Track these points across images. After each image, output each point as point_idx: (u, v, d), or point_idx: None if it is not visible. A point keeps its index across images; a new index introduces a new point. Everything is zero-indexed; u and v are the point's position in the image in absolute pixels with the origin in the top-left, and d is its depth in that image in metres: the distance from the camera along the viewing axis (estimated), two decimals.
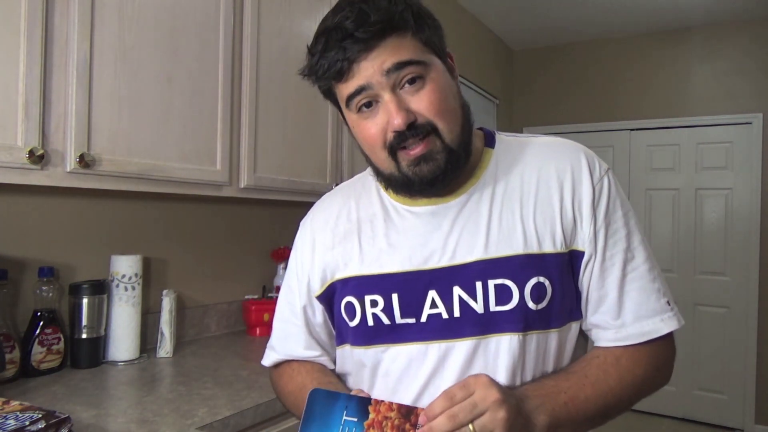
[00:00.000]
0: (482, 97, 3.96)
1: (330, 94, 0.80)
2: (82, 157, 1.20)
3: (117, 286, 1.53)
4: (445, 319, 0.74)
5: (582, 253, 0.76)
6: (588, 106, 4.14)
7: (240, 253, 2.08)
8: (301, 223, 0.94)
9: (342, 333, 0.85)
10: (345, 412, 0.68)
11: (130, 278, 1.54)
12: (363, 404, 0.68)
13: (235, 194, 1.64)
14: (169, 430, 1.06)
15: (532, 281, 0.73)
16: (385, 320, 0.77)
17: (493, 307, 0.73)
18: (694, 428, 3.66)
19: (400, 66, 0.70)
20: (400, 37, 0.71)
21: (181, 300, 1.82)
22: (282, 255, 2.15)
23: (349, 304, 0.81)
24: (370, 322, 0.78)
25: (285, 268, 2.13)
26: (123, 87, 1.30)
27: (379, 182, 0.84)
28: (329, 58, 0.71)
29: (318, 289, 0.86)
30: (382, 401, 0.68)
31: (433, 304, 0.75)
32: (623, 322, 0.76)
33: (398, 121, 0.70)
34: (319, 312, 0.88)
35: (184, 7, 1.45)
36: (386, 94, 0.71)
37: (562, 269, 0.75)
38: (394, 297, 0.77)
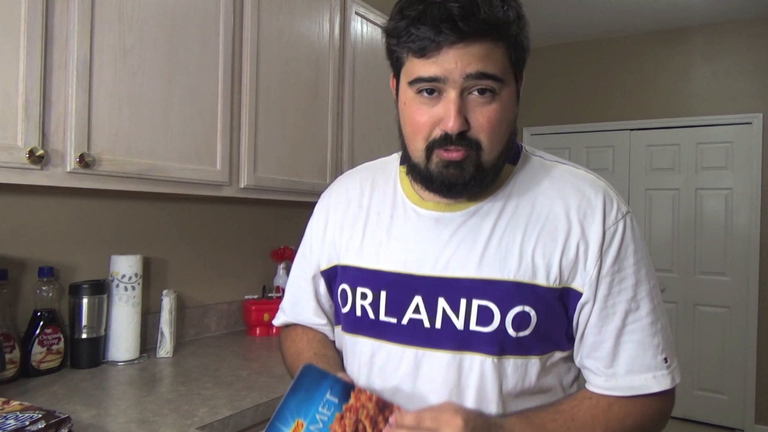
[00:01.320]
0: None
1: (396, 60, 0.75)
2: (82, 157, 1.20)
3: (117, 286, 1.53)
4: (426, 327, 0.75)
5: (579, 294, 0.74)
6: (588, 106, 4.14)
7: (240, 253, 2.08)
8: (322, 195, 0.96)
9: (337, 315, 0.89)
10: (329, 392, 0.70)
11: (130, 278, 1.54)
12: (347, 389, 0.71)
13: (235, 194, 1.64)
14: (169, 430, 1.06)
15: (516, 309, 0.73)
16: (371, 314, 0.80)
17: (472, 326, 0.73)
18: (694, 428, 3.66)
19: (482, 76, 0.68)
20: (495, 45, 0.69)
21: (181, 300, 1.82)
22: (282, 255, 2.15)
23: (344, 291, 0.84)
24: (358, 313, 0.81)
25: (285, 268, 2.14)
26: (123, 87, 1.30)
27: (402, 167, 0.85)
28: (421, 31, 0.67)
29: (324, 265, 0.90)
30: (364, 391, 0.71)
31: (417, 310, 0.76)
32: (615, 372, 0.74)
33: (452, 125, 0.69)
34: (323, 284, 0.92)
35: (184, 7, 1.45)
36: (454, 92, 0.69)
37: (551, 303, 0.74)
38: (383, 294, 0.79)
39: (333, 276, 0.88)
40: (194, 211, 1.90)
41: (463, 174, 0.72)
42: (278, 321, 1.00)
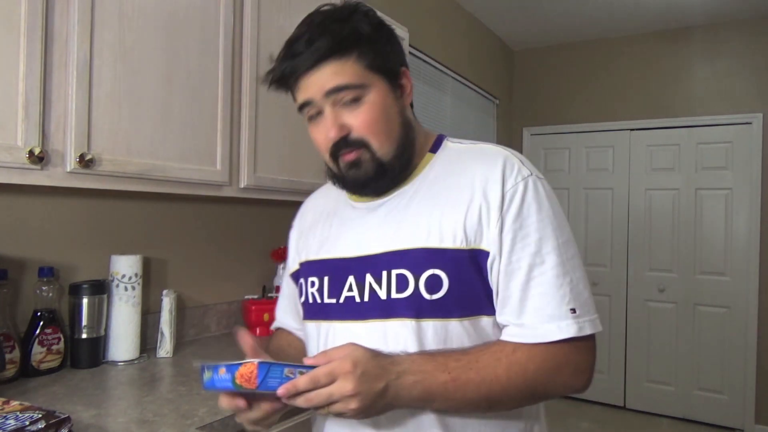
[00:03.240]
0: (482, 97, 3.96)
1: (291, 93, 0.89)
2: (82, 157, 1.20)
3: (117, 286, 1.53)
4: (357, 302, 0.85)
5: (487, 253, 0.80)
6: (588, 106, 4.14)
7: (240, 253, 2.08)
8: (301, 206, 1.11)
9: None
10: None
11: (130, 278, 1.54)
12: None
13: (235, 194, 1.64)
14: (169, 430, 1.06)
15: (428, 273, 0.80)
16: (318, 299, 0.90)
17: (393, 294, 0.82)
18: (694, 428, 3.66)
19: (337, 89, 0.81)
20: (342, 61, 0.80)
21: (181, 300, 1.82)
22: (282, 255, 2.15)
23: (301, 284, 0.96)
24: (310, 300, 0.92)
25: (285, 268, 2.14)
26: (123, 87, 1.30)
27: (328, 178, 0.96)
28: (282, 68, 0.83)
29: (292, 269, 1.04)
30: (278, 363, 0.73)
31: (350, 288, 0.86)
32: (522, 322, 0.79)
33: (332, 134, 0.82)
34: (295, 288, 1.03)
35: (184, 7, 1.45)
36: (327, 108, 0.82)
37: (462, 265, 0.80)
38: (325, 279, 0.90)
39: (298, 277, 1.00)
40: (194, 211, 1.90)
41: (365, 172, 0.84)
42: (273, 326, 1.15)
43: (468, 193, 0.82)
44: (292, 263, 1.04)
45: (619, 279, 4.01)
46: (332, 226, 0.94)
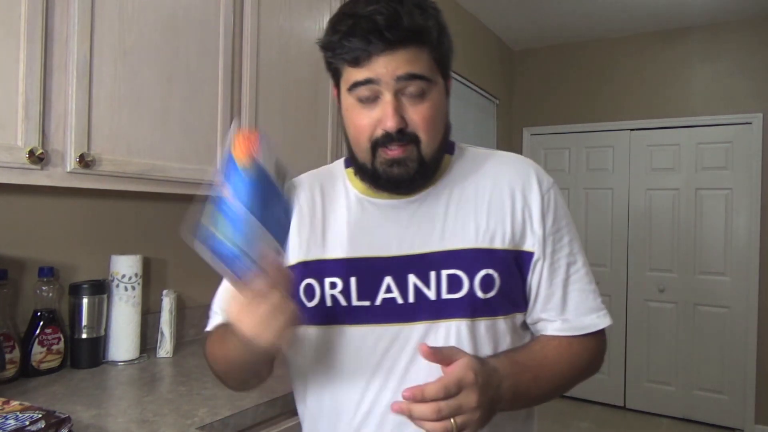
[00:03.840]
0: (482, 97, 3.96)
1: (335, 72, 0.83)
2: (82, 157, 1.20)
3: (117, 286, 1.53)
4: (400, 303, 0.81)
5: (531, 254, 0.84)
6: (588, 106, 4.14)
7: None
8: None
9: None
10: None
11: (130, 278, 1.54)
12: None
13: None
14: (169, 430, 1.06)
15: (482, 272, 0.80)
16: (343, 302, 0.83)
17: (444, 295, 0.80)
18: (694, 428, 3.66)
19: (411, 77, 0.76)
20: (420, 49, 0.76)
21: (181, 300, 1.82)
22: None
23: (309, 286, 0.86)
24: (329, 303, 0.84)
25: None
26: (123, 87, 1.30)
27: (348, 170, 0.91)
28: (352, 43, 0.75)
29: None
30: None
31: (388, 289, 0.82)
32: (567, 317, 0.85)
33: (391, 123, 0.76)
34: None
35: (184, 7, 1.45)
36: (389, 94, 0.76)
37: (509, 264, 0.82)
38: (352, 280, 0.83)
39: (297, 276, 0.89)
40: (194, 211, 1.90)
41: (408, 170, 0.80)
42: (213, 325, 1.01)
43: (508, 197, 0.85)
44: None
45: (619, 279, 4.01)
46: (346, 222, 0.87)
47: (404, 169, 0.79)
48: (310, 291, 0.86)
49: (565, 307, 0.85)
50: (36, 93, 1.13)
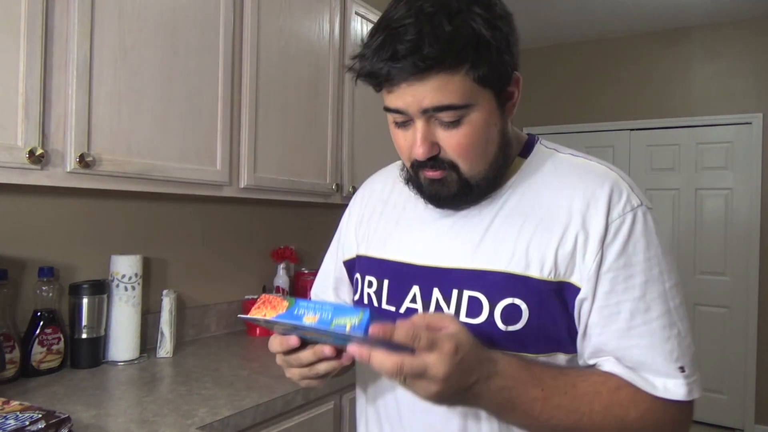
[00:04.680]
0: None
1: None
2: (82, 157, 1.20)
3: (117, 286, 1.53)
4: None
5: (578, 289, 0.70)
6: (588, 106, 4.14)
7: (240, 253, 2.08)
8: (362, 185, 1.00)
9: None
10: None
11: (130, 278, 1.54)
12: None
13: (235, 194, 1.64)
14: (169, 430, 1.06)
15: (506, 301, 0.70)
16: (375, 302, 0.81)
17: (462, 318, 0.72)
18: (694, 428, 3.65)
19: (438, 109, 0.67)
20: (450, 74, 0.65)
21: (181, 300, 1.82)
22: (282, 255, 2.15)
23: (356, 280, 0.88)
24: (365, 301, 0.83)
25: (285, 268, 2.14)
26: (123, 87, 1.30)
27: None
28: (375, 68, 0.67)
29: (346, 256, 0.94)
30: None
31: (414, 299, 0.77)
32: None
33: (418, 152, 0.70)
34: (345, 273, 0.95)
35: (184, 7, 1.45)
36: (419, 121, 0.69)
37: (545, 296, 0.70)
38: (385, 283, 0.81)
39: (352, 267, 0.92)
40: (194, 211, 1.90)
41: (449, 190, 0.73)
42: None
43: (564, 217, 0.71)
44: (348, 250, 0.93)
45: None
46: (398, 221, 0.84)
47: (446, 188, 0.73)
48: (356, 285, 0.87)
49: (619, 363, 0.69)
50: (36, 93, 1.13)
